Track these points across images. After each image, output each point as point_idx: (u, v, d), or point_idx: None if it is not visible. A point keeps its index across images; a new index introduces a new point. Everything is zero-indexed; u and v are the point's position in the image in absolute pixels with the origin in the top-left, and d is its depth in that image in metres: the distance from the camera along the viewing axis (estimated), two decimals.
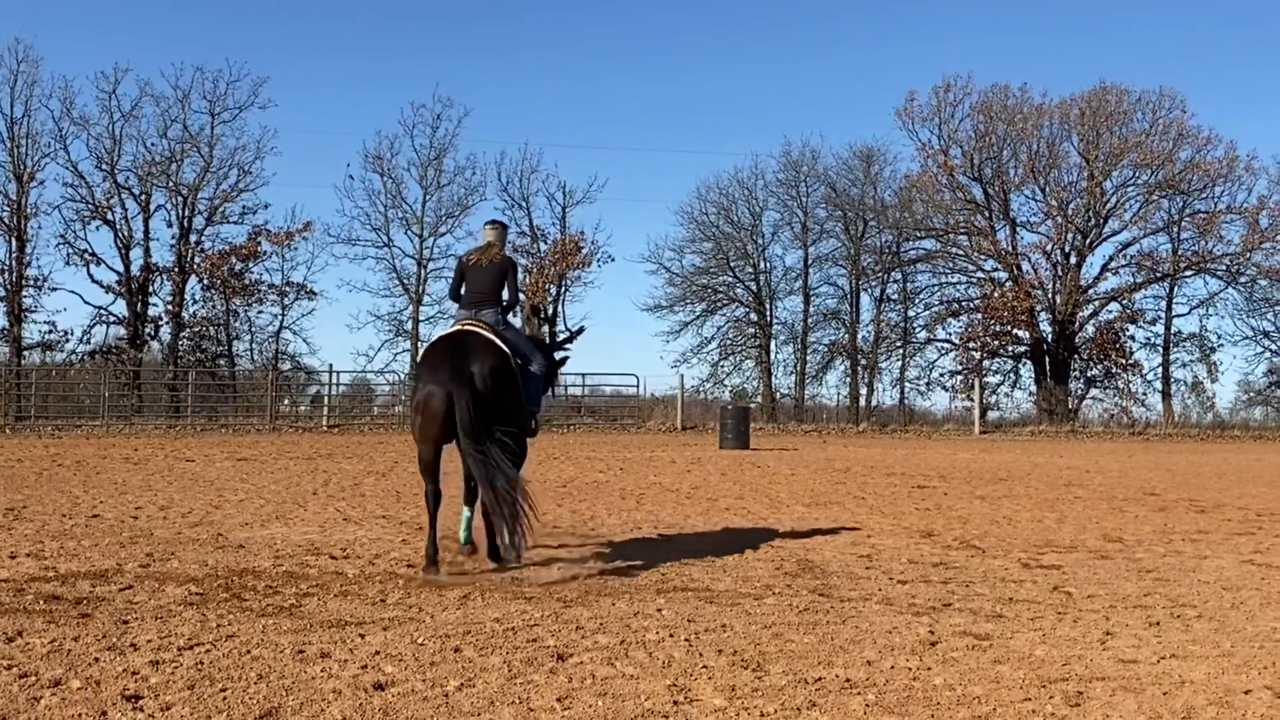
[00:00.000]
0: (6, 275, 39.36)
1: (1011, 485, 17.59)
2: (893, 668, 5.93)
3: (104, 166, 40.54)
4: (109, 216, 40.61)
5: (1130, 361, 47.91)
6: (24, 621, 6.64)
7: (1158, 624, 7.20)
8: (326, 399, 39.76)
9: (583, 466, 20.63)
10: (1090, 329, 48.18)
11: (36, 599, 7.36)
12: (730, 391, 48.01)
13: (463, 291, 9.61)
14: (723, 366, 49.87)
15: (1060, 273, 47.23)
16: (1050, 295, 47.13)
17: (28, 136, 39.65)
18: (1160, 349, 48.14)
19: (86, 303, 40.73)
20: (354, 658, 5.93)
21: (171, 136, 41.43)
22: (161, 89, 43.15)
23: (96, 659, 5.79)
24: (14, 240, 39.31)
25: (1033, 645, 6.51)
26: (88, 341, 40.91)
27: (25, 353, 39.97)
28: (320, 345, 75.08)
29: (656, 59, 77.67)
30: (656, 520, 12.34)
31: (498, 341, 8.90)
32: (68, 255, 40.17)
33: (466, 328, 9.07)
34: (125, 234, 40.82)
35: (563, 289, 45.13)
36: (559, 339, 11.54)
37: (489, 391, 8.55)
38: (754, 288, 49.73)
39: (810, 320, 49.41)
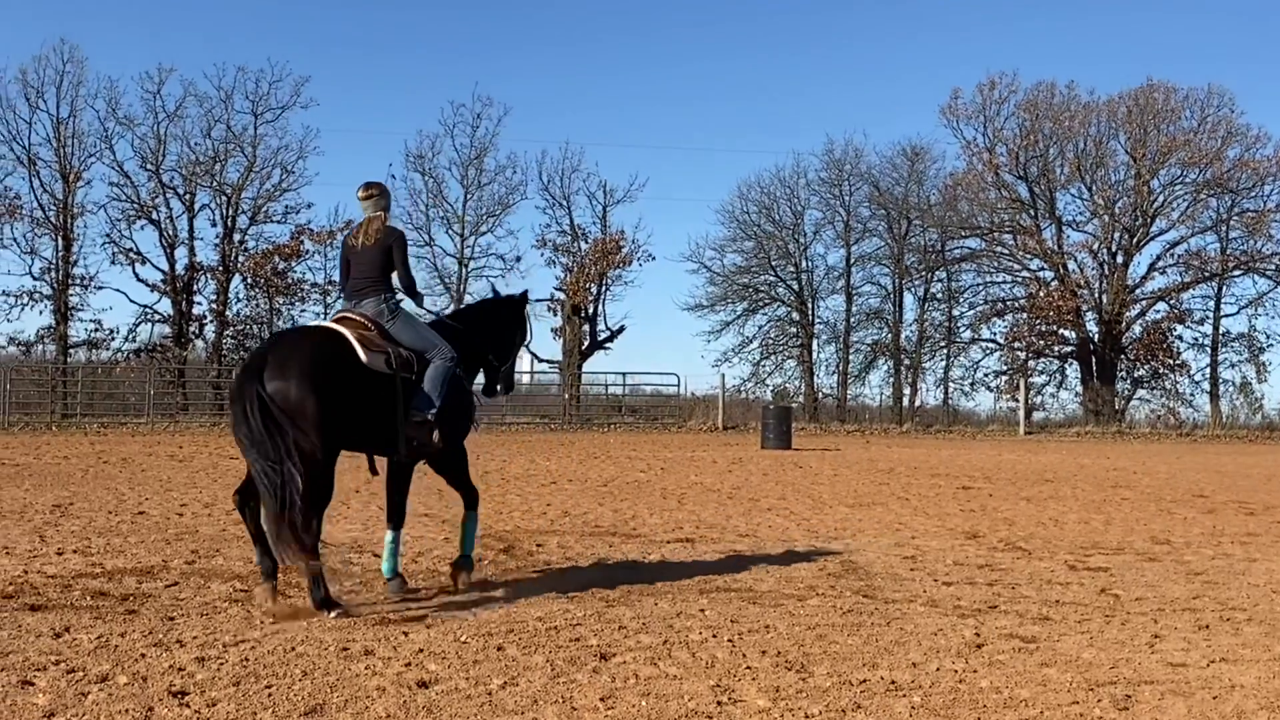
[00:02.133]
0: (53, 274, 39.80)
1: (1057, 486, 17.43)
2: (938, 670, 5.88)
3: (149, 166, 40.92)
4: (154, 216, 40.98)
5: (1178, 362, 47.36)
6: (71, 617, 6.70)
7: (1207, 627, 7.10)
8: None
9: (623, 466, 20.62)
10: (1137, 329, 47.67)
11: (84, 595, 7.43)
12: (772, 391, 47.89)
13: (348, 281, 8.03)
14: (764, 366, 49.73)
15: (1107, 272, 46.77)
16: (1097, 295, 46.68)
17: (74, 136, 40.08)
18: (1208, 349, 47.56)
19: (132, 301, 41.09)
20: (398, 655, 5.95)
21: (215, 136, 41.76)
22: (205, 89, 43.28)
23: (143, 655, 5.83)
24: (61, 239, 39.75)
25: (1080, 648, 6.44)
26: (133, 340, 41.31)
27: (71, 351, 40.41)
28: None
29: (698, 57, 77.66)
30: (698, 520, 12.31)
31: (349, 338, 7.35)
32: (113, 254, 40.57)
33: (321, 325, 7.73)
34: (170, 233, 41.18)
35: (603, 288, 45.09)
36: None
37: (293, 403, 6.87)
38: (796, 287, 49.53)
39: (853, 319, 49.18)
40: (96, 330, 40.85)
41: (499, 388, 8.72)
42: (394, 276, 7.89)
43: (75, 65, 40.02)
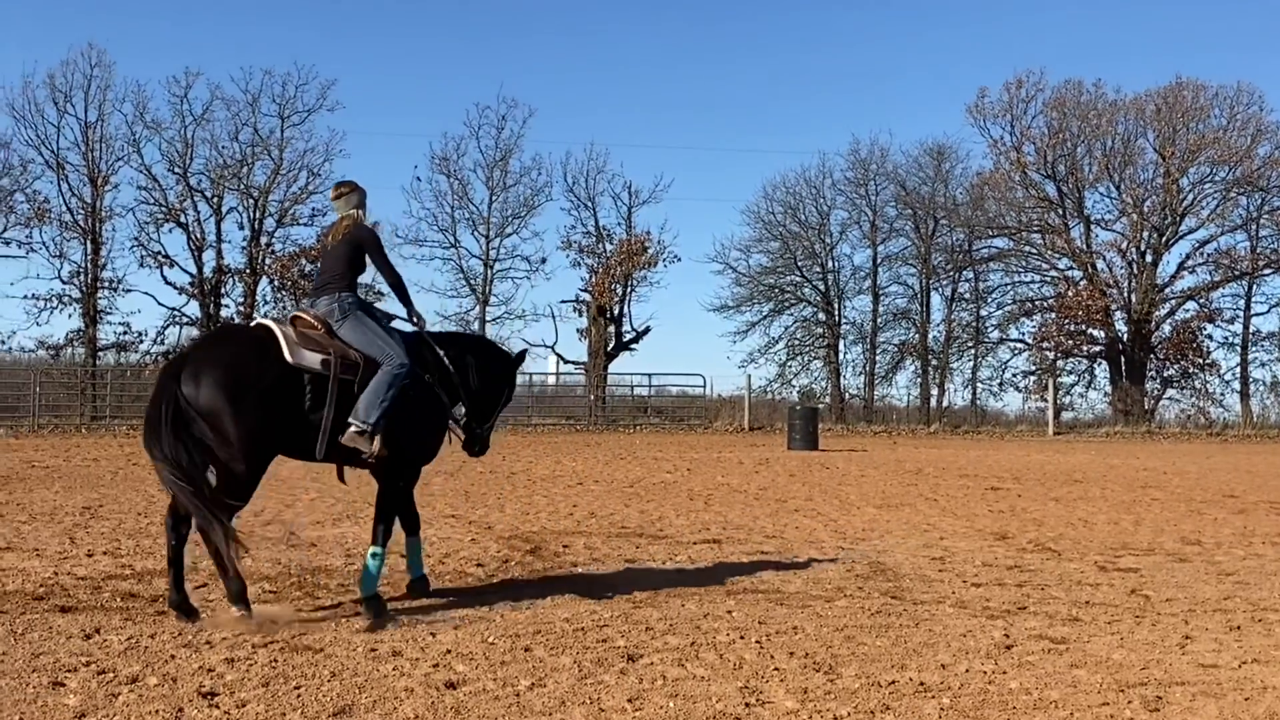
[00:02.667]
0: (82, 277, 40.11)
1: (1087, 487, 17.32)
2: (968, 671, 5.85)
3: (176, 170, 41.20)
4: (182, 219, 41.25)
5: (1208, 361, 47.00)
6: (101, 619, 6.74)
7: (1238, 628, 7.04)
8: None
9: (650, 467, 20.61)
10: (1167, 328, 47.34)
11: (113, 596, 7.48)
12: (798, 392, 47.79)
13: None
14: (790, 366, 49.66)
15: (1136, 271, 46.46)
16: (1126, 294, 46.39)
17: (102, 141, 40.38)
18: (1238, 348, 47.18)
19: (160, 304, 41.36)
20: (425, 656, 5.96)
21: (242, 140, 42.00)
22: (232, 93, 43.80)
23: (173, 656, 5.87)
24: (89, 243, 40.05)
25: (1110, 649, 6.41)
26: (161, 342, 41.53)
27: (100, 354, 40.71)
28: None
29: (722, 57, 77.52)
30: (725, 521, 12.29)
31: (278, 336, 6.95)
32: (141, 257, 40.86)
33: (256, 323, 7.34)
34: (198, 236, 41.45)
35: (629, 289, 45.13)
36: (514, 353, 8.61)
37: (205, 407, 6.54)
38: (822, 287, 49.44)
39: (880, 320, 49.05)
40: (125, 333, 41.16)
41: (475, 449, 8.28)
42: (359, 276, 7.58)
43: (103, 70, 40.32)
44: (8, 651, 5.88)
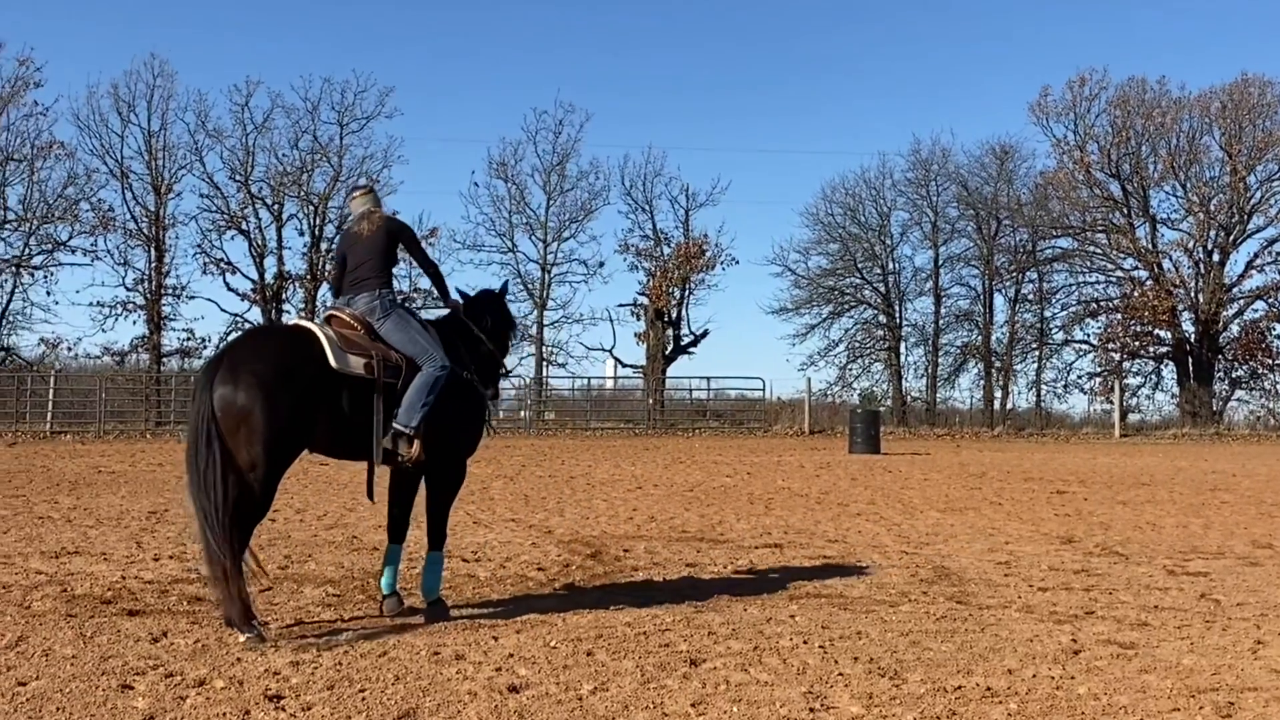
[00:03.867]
0: (146, 284, 40.78)
1: (1154, 490, 17.06)
2: (1035, 676, 5.77)
3: (238, 177, 41.81)
4: (243, 226, 41.86)
5: (1277, 361, 46.25)
6: (169, 622, 6.82)
7: None
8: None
9: (709, 471, 20.56)
10: (1235, 328, 46.65)
11: (180, 600, 7.57)
12: (859, 395, 47.51)
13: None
14: (851, 369, 49.44)
15: (1203, 271, 45.81)
16: (1192, 294, 45.73)
17: (165, 149, 41.09)
18: None
19: (223, 310, 41.96)
20: (488, 660, 5.96)
21: (302, 147, 42.57)
22: (292, 101, 44.30)
23: (239, 659, 5.91)
24: (153, 250, 40.74)
25: (1180, 654, 6.29)
26: None
27: (165, 360, 41.36)
28: None
29: (779, 58, 77.28)
30: (786, 525, 12.22)
31: (320, 338, 6.73)
32: (204, 264, 41.54)
33: (294, 323, 7.12)
34: (259, 243, 42.02)
35: (687, 293, 45.13)
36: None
37: (237, 412, 6.31)
38: (882, 289, 49.17)
39: (942, 322, 48.72)
40: (189, 339, 41.82)
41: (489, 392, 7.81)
42: (394, 270, 7.41)
43: (165, 79, 41.05)
44: (78, 654, 5.96)
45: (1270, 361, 46.21)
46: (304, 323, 7.06)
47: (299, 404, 6.48)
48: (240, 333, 7.66)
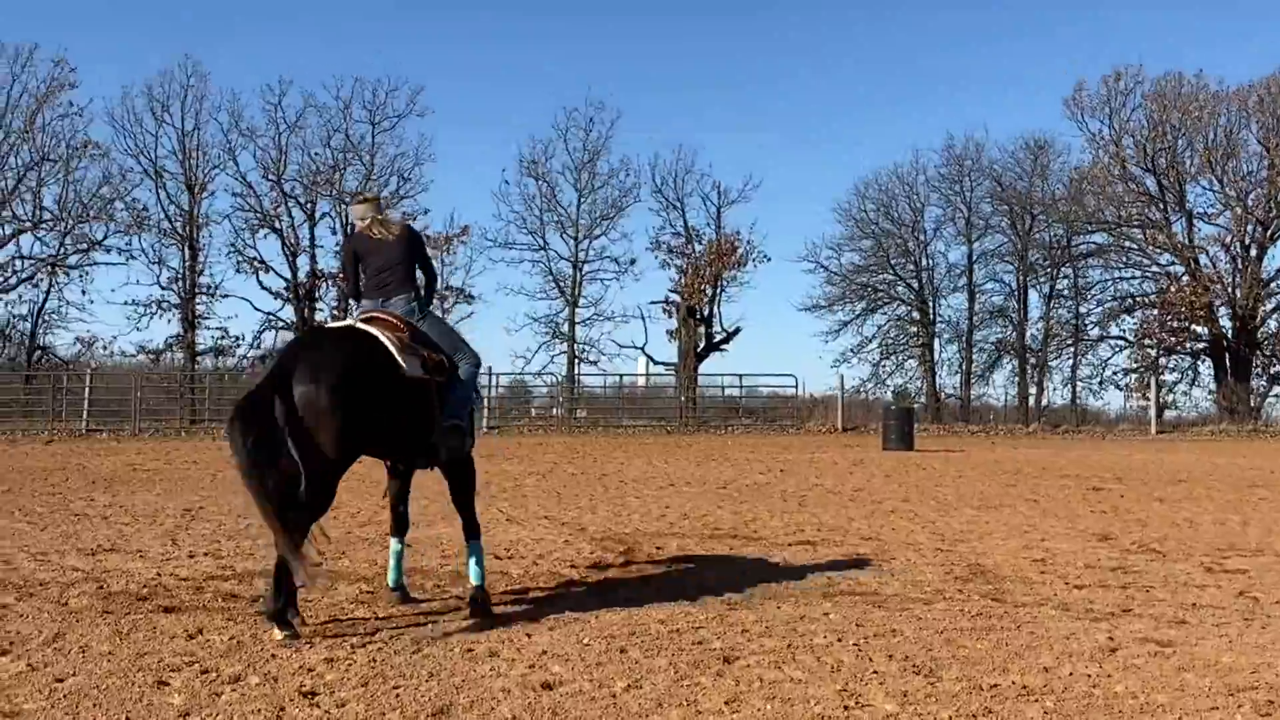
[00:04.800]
0: (180, 283, 41.14)
1: (1192, 487, 16.90)
2: (1071, 674, 5.71)
3: (271, 176, 42.14)
4: (276, 225, 42.17)
5: None
6: (204, 619, 6.85)
7: None
8: (485, 400, 40.50)
9: (742, 468, 20.52)
10: (1273, 324, 46.27)
11: (215, 597, 7.60)
12: (892, 391, 47.40)
13: (363, 278, 7.58)
14: (884, 366, 49.36)
15: (1240, 266, 45.39)
16: (1230, 289, 45.31)
17: (198, 149, 41.50)
18: None
19: (256, 309, 42.33)
20: (521, 657, 5.96)
21: (334, 146, 42.88)
22: (324, 100, 44.50)
23: (273, 655, 5.94)
24: (187, 249, 41.11)
25: (1219, 652, 6.22)
26: (258, 346, 42.55)
27: (199, 358, 41.70)
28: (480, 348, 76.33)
29: (811, 55, 77.05)
30: (820, 523, 12.17)
31: (386, 343, 6.84)
32: (238, 263, 41.92)
33: (355, 326, 7.10)
34: (292, 241, 42.35)
35: (719, 290, 45.09)
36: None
37: (319, 412, 6.32)
38: (916, 285, 49.02)
39: (975, 318, 48.50)
40: (223, 338, 42.24)
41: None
42: (417, 273, 7.54)
43: (199, 79, 41.45)
44: (114, 651, 6.00)
45: None
46: (361, 325, 7.08)
47: (375, 406, 6.61)
48: (304, 333, 7.74)
